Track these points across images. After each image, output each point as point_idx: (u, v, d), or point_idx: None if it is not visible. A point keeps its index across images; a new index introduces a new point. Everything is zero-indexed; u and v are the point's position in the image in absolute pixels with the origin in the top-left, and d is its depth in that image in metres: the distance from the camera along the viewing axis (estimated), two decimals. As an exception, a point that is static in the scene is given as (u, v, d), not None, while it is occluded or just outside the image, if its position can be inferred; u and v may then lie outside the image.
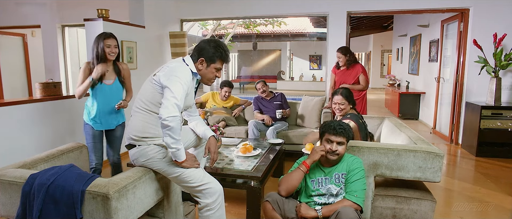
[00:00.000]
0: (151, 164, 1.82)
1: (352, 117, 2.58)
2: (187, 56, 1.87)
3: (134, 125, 1.82)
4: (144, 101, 1.81)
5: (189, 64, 1.82)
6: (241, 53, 17.47)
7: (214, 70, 1.86)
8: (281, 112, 4.04)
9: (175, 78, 1.70)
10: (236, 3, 5.22)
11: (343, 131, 1.87)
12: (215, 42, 1.85)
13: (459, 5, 4.53)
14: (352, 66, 3.98)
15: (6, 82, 6.23)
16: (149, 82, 1.81)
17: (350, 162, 1.92)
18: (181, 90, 1.69)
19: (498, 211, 2.70)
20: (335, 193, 1.89)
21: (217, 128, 3.02)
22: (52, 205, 1.56)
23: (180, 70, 1.75)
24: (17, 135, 2.96)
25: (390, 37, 11.21)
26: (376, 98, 11.17)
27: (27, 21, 6.00)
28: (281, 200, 1.88)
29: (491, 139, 4.16)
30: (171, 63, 1.81)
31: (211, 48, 1.82)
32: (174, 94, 1.65)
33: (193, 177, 1.83)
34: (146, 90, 1.82)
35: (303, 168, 1.91)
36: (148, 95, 1.80)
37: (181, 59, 1.85)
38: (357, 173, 1.87)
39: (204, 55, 1.82)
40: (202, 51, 1.82)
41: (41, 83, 3.34)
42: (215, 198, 1.85)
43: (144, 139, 1.80)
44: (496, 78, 4.20)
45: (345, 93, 2.69)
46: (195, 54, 1.85)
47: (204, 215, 1.86)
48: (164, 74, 1.73)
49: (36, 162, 1.91)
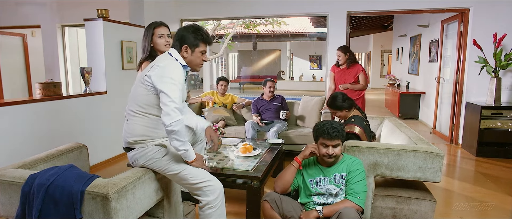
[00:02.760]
0: (151, 164, 1.82)
1: (357, 121, 2.54)
2: (171, 49, 1.84)
3: (132, 129, 1.81)
4: (140, 105, 1.79)
5: (177, 57, 1.81)
6: (241, 53, 17.46)
7: (200, 54, 1.85)
8: (285, 112, 4.05)
9: (168, 80, 1.69)
10: (236, 3, 5.21)
11: (338, 134, 1.84)
12: (193, 27, 1.84)
13: (459, 5, 4.53)
14: (352, 65, 3.98)
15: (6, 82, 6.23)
16: (141, 84, 1.78)
17: (350, 163, 1.92)
18: (177, 92, 1.70)
19: (498, 211, 2.70)
20: (334, 193, 1.89)
21: (217, 128, 3.02)
22: (52, 205, 1.55)
23: (171, 69, 1.73)
24: (17, 135, 2.95)
25: (390, 37, 11.21)
26: (376, 99, 11.17)
27: (27, 21, 6.01)
28: (280, 199, 1.88)
29: (491, 139, 4.15)
30: (161, 62, 1.78)
31: (191, 34, 1.81)
32: (172, 99, 1.66)
33: (193, 174, 1.82)
34: (139, 93, 1.80)
35: (295, 163, 1.93)
36: (143, 99, 1.78)
37: (167, 55, 1.83)
38: (358, 174, 1.87)
39: (186, 42, 1.81)
40: (183, 39, 1.81)
41: (41, 83, 3.33)
42: (216, 195, 1.85)
43: (143, 141, 1.80)
44: (496, 78, 4.19)
45: (339, 104, 2.62)
46: (177, 43, 1.83)
47: (206, 213, 1.85)
48: (156, 75, 1.72)
49: (35, 162, 1.90)
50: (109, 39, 3.86)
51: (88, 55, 3.89)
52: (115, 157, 4.11)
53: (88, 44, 3.86)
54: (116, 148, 4.11)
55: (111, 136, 3.98)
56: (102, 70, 3.84)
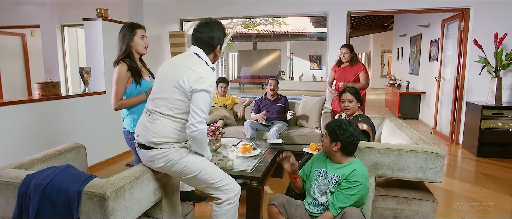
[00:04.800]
0: (171, 166, 1.77)
1: (364, 119, 2.58)
2: (201, 52, 1.78)
3: (160, 130, 1.74)
4: (171, 108, 1.73)
5: (207, 61, 1.78)
6: (241, 53, 17.45)
7: (220, 49, 1.85)
8: (292, 113, 4.01)
9: (205, 94, 1.67)
10: (236, 3, 5.20)
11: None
12: (217, 24, 1.80)
13: (459, 4, 4.51)
14: (354, 63, 3.99)
15: (5, 82, 6.22)
16: (174, 88, 1.71)
17: (350, 172, 1.81)
18: (209, 101, 1.72)
19: (499, 212, 2.69)
20: (324, 190, 1.88)
21: (217, 128, 3.00)
22: (49, 205, 1.54)
23: (208, 77, 1.69)
24: (15, 135, 2.94)
25: (390, 37, 11.20)
26: (376, 98, 11.15)
27: (27, 21, 6.00)
28: (288, 203, 1.85)
29: (492, 139, 4.14)
30: (197, 67, 1.70)
31: (220, 32, 1.79)
32: (204, 110, 1.68)
33: (211, 174, 1.82)
34: (172, 96, 1.73)
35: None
36: (177, 104, 1.73)
37: (200, 62, 1.76)
38: (349, 187, 1.77)
39: (220, 43, 1.80)
40: (215, 40, 1.78)
41: (39, 83, 3.32)
42: (236, 193, 1.87)
43: (168, 143, 1.76)
44: (497, 78, 4.18)
45: (354, 90, 2.69)
46: (208, 46, 1.78)
47: (223, 209, 1.84)
48: (194, 81, 1.67)
49: (33, 162, 1.89)
50: (108, 39, 3.84)
51: (87, 55, 3.88)
52: (114, 157, 4.10)
53: (87, 44, 3.85)
54: (115, 148, 4.10)
55: (110, 136, 3.97)
56: (101, 70, 3.83)
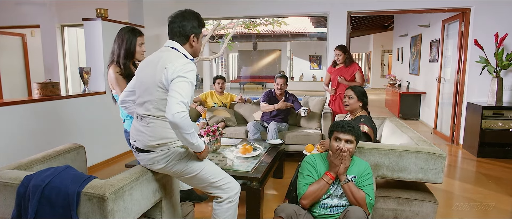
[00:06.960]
0: (171, 167, 1.75)
1: (365, 121, 2.53)
2: (177, 45, 1.74)
3: (155, 132, 1.71)
4: (160, 108, 1.69)
5: (185, 53, 1.74)
6: (241, 53, 17.45)
7: (200, 38, 1.81)
8: (306, 109, 3.89)
9: (181, 79, 1.60)
10: (236, 3, 5.19)
11: (352, 129, 1.81)
12: (192, 14, 1.77)
13: (460, 4, 4.50)
14: (349, 64, 4.03)
15: (5, 82, 6.22)
16: (158, 88, 1.67)
17: (361, 167, 1.89)
18: (188, 87, 1.60)
19: (500, 212, 2.68)
20: (339, 194, 1.86)
21: (217, 128, 2.99)
22: (48, 206, 1.53)
23: (185, 67, 1.62)
24: (15, 135, 2.93)
25: (391, 37, 11.18)
26: (377, 99, 11.14)
27: (27, 21, 5.99)
28: (295, 215, 1.81)
29: (493, 140, 4.13)
30: (176, 60, 1.65)
31: (194, 21, 1.75)
32: (181, 93, 1.56)
33: (212, 173, 1.82)
34: (158, 97, 1.69)
35: (327, 178, 1.84)
36: (163, 102, 1.67)
37: (178, 55, 1.71)
38: (369, 178, 1.87)
39: (194, 32, 1.75)
40: (187, 29, 1.74)
41: (39, 83, 3.31)
42: (237, 191, 1.88)
43: (166, 144, 1.73)
44: (498, 78, 4.17)
45: (358, 89, 2.66)
46: (181, 36, 1.74)
47: (224, 207, 1.85)
48: (171, 74, 1.62)
49: (32, 163, 1.88)
50: (108, 39, 3.83)
51: (87, 55, 3.87)
52: (113, 157, 4.09)
53: (87, 44, 3.84)
54: (114, 149, 4.09)
55: (110, 137, 3.96)
56: (101, 70, 3.82)
